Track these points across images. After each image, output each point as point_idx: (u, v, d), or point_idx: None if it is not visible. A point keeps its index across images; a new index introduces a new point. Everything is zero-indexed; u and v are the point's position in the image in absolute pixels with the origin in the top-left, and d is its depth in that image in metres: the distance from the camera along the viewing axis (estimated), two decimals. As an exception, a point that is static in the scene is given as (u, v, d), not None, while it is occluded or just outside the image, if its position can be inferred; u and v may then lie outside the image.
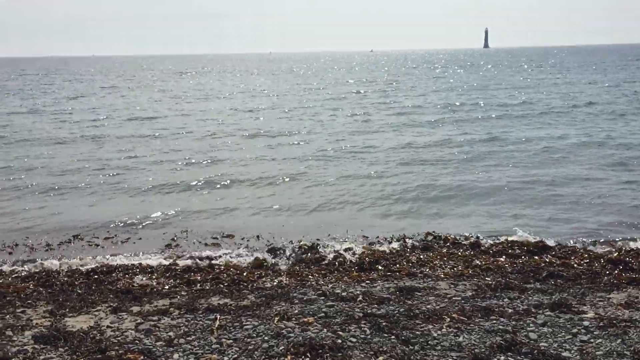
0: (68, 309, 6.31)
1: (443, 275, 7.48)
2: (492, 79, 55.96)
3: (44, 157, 18.07)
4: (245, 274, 7.71)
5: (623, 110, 27.43)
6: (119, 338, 5.45)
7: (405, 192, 13.07)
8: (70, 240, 10.06)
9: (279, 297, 6.59)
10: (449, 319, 5.76)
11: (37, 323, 5.91)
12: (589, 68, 72.67)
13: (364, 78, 65.54)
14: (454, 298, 6.50)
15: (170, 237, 10.16)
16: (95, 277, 7.76)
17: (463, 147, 18.73)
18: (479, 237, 9.64)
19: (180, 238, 10.11)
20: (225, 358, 5.02)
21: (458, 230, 10.09)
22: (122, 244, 9.90)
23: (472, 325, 5.62)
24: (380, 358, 4.97)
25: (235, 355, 5.06)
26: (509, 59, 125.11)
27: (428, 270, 7.74)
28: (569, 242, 9.41)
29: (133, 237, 10.26)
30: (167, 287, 7.27)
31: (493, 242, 9.27)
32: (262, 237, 10.03)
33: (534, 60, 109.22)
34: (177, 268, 8.13)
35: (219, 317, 5.93)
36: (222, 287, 7.17)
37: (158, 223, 11.01)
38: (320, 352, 5.01)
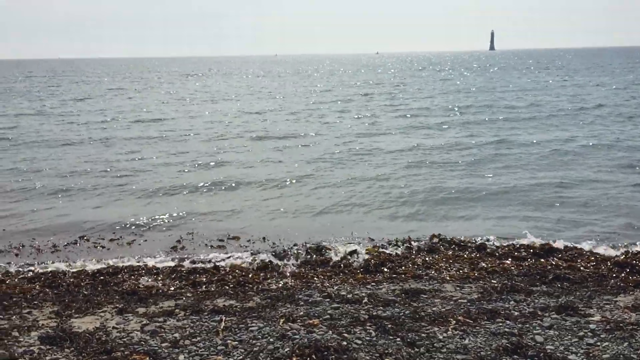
0: (74, 310, 6.34)
1: (449, 278, 7.46)
2: (499, 81, 55.79)
3: (51, 158, 18.16)
4: (251, 276, 7.72)
5: (632, 113, 27.31)
6: (125, 339, 5.46)
7: (412, 194, 13.02)
8: (77, 242, 10.11)
9: (285, 298, 6.60)
10: (455, 322, 5.74)
11: (43, 324, 5.93)
12: (597, 70, 72.37)
13: (371, 80, 65.54)
14: (460, 300, 6.48)
15: (176, 238, 10.18)
16: (101, 278, 7.79)
17: (471, 149, 18.67)
18: (485, 239, 9.60)
19: (186, 240, 10.12)
20: (231, 359, 5.03)
21: (465, 233, 10.04)
22: (127, 246, 9.93)
23: (478, 328, 5.60)
24: (386, 360, 4.96)
25: (241, 357, 5.06)
26: (515, 61, 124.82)
27: (434, 273, 7.73)
28: (576, 244, 9.34)
29: (139, 238, 10.29)
30: (172, 288, 7.29)
31: (499, 244, 9.25)
32: (268, 239, 10.04)
33: (541, 63, 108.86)
34: (182, 269, 8.15)
35: (225, 318, 5.93)
36: (227, 288, 7.18)
37: (164, 225, 11.04)
38: (326, 354, 5.00)
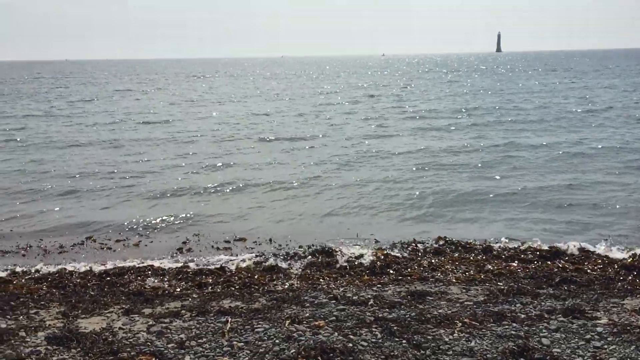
0: (81, 311, 6.37)
1: (455, 280, 7.44)
2: (506, 83, 55.62)
3: (59, 160, 18.25)
4: (257, 277, 7.73)
5: (642, 115, 27.11)
6: (131, 340, 5.48)
7: (420, 197, 12.97)
8: (83, 242, 10.15)
9: (290, 300, 6.60)
10: (461, 324, 5.73)
11: (50, 324, 5.97)
12: (605, 72, 71.98)
13: (377, 82, 65.51)
14: (466, 303, 6.47)
15: (183, 240, 10.20)
16: (108, 279, 7.83)
17: (479, 151, 18.59)
18: (491, 241, 9.56)
19: (193, 241, 10.14)
20: (236, 361, 5.04)
21: (474, 236, 9.97)
22: (134, 247, 9.96)
23: (484, 331, 5.59)
24: (391, 362, 4.95)
25: (247, 358, 5.07)
26: (523, 63, 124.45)
27: (440, 275, 7.72)
28: (583, 247, 9.27)
29: (145, 240, 10.32)
30: (178, 289, 7.31)
31: (505, 246, 9.21)
32: (274, 240, 10.04)
33: (548, 64, 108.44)
34: (188, 270, 8.17)
35: (230, 319, 5.95)
36: (233, 290, 7.20)
37: (171, 226, 11.06)
38: (331, 355, 5.01)
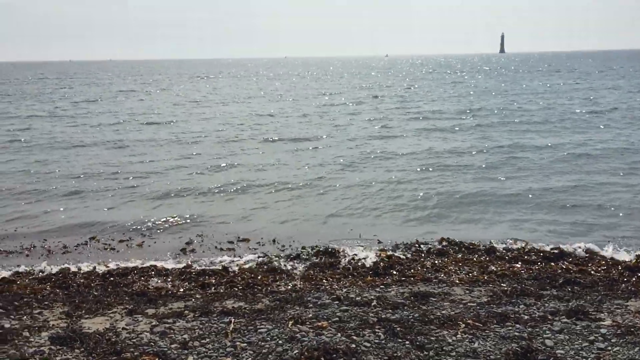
0: (84, 311, 6.38)
1: (458, 281, 7.43)
2: (510, 84, 55.52)
3: (63, 160, 18.29)
4: (260, 278, 7.73)
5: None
6: (134, 340, 5.49)
7: (424, 198, 12.95)
8: (87, 243, 10.17)
9: (293, 301, 6.60)
10: (464, 325, 5.72)
11: (53, 324, 5.98)
12: (609, 73, 71.79)
13: (381, 82, 65.49)
14: (469, 304, 6.46)
15: (186, 240, 10.20)
16: (111, 279, 7.84)
17: (483, 153, 18.54)
18: (495, 243, 9.53)
19: (196, 242, 10.15)
20: (239, 361, 5.04)
21: (477, 237, 9.93)
22: (137, 247, 9.97)
23: (487, 332, 5.58)
24: (394, 363, 4.95)
25: (250, 359, 5.07)
26: (527, 64, 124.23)
27: (443, 276, 7.70)
28: (587, 248, 9.24)
29: (149, 240, 10.33)
30: (182, 289, 7.32)
31: (509, 247, 9.19)
32: (278, 241, 10.04)
33: (552, 65, 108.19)
34: (192, 271, 8.17)
35: (234, 320, 5.95)
36: (236, 290, 7.20)
37: (174, 227, 11.07)
38: (334, 356, 5.01)
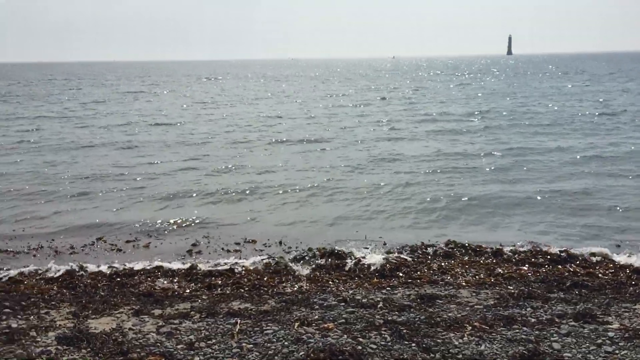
0: (91, 311, 6.41)
1: (465, 283, 7.41)
2: (519, 86, 55.26)
3: (72, 161, 18.37)
4: (266, 279, 7.74)
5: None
6: (141, 340, 5.51)
7: (432, 200, 12.89)
8: (94, 243, 10.20)
9: (300, 302, 6.60)
10: (471, 328, 5.70)
11: (60, 324, 6.00)
12: (619, 75, 71.35)
13: (388, 84, 65.43)
14: (476, 306, 6.44)
15: (192, 242, 10.22)
16: (118, 279, 7.86)
17: (493, 155, 18.42)
18: (504, 245, 9.48)
19: (203, 243, 10.16)
20: (245, 362, 5.04)
21: (485, 240, 9.87)
22: (144, 248, 9.99)
23: (494, 334, 5.56)
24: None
25: (255, 360, 5.07)
26: (534, 66, 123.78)
27: (449, 278, 7.68)
28: (595, 251, 9.18)
29: (155, 241, 10.35)
30: (188, 290, 7.33)
31: (516, 250, 9.15)
32: (284, 243, 10.05)
33: (560, 67, 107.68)
34: (198, 272, 8.18)
35: (240, 321, 5.96)
36: (242, 291, 7.21)
37: (181, 228, 11.09)
38: (341, 358, 5.00)
